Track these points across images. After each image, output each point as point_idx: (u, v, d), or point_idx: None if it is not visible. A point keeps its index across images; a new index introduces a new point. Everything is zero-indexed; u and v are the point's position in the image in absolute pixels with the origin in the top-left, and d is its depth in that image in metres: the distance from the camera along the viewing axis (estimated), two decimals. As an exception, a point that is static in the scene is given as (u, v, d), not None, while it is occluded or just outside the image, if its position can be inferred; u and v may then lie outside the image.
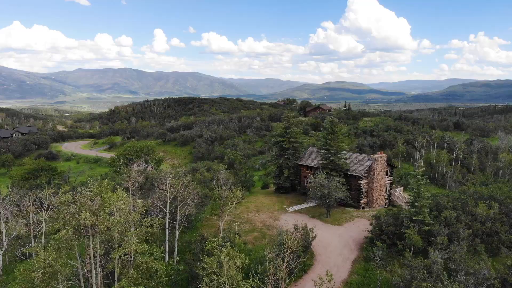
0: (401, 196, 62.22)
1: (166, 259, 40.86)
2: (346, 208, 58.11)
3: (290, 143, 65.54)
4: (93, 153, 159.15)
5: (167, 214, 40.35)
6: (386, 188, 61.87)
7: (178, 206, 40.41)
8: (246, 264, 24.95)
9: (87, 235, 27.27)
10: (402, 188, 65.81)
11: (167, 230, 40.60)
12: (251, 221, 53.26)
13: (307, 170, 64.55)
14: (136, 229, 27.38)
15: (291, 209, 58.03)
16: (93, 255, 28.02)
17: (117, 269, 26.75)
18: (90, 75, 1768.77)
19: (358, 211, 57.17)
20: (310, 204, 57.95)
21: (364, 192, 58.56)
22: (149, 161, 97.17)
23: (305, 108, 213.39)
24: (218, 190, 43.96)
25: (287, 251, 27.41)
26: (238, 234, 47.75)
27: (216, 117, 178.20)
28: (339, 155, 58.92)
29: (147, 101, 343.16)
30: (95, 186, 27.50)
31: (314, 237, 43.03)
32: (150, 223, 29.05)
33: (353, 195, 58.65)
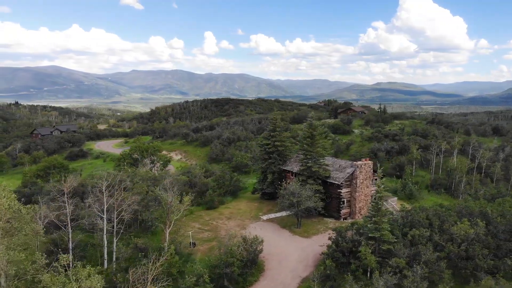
0: (392, 207, 56.55)
1: (105, 266, 39.29)
2: (325, 219, 53.64)
3: (275, 146, 61.90)
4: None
5: (105, 220, 38.70)
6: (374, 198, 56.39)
7: (115, 212, 38.66)
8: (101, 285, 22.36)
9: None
10: (395, 198, 59.99)
11: (104, 235, 38.96)
12: (216, 229, 50.55)
13: (292, 175, 60.60)
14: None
15: (265, 217, 54.55)
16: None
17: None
18: (143, 76, 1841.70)
19: (337, 222, 52.46)
20: (286, 213, 54.00)
21: (345, 201, 53.69)
22: (155, 161, 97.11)
23: (336, 110, 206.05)
24: (165, 196, 41.63)
25: (151, 270, 24.32)
26: (193, 243, 45.27)
27: (240, 118, 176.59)
28: (321, 161, 54.55)
29: (186, 102, 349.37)
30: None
31: (260, 250, 39.51)
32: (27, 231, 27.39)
33: (333, 204, 54.03)
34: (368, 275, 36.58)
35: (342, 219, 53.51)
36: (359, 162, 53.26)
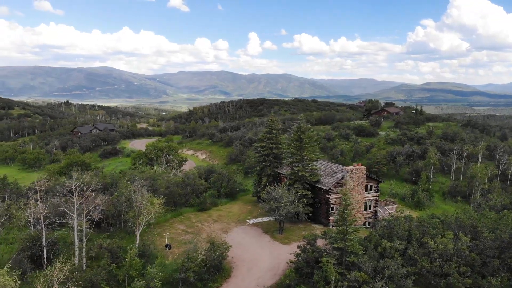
0: (389, 216, 53.50)
1: (76, 264, 40.11)
2: (312, 225, 51.75)
3: (270, 149, 60.63)
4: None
5: (75, 219, 39.50)
6: (369, 206, 53.77)
7: (84, 212, 39.36)
8: None
9: None
10: (395, 206, 56.76)
11: (75, 234, 39.76)
12: (199, 231, 50.14)
13: (286, 179, 59.03)
14: None
15: (251, 221, 53.47)
16: None
17: None
18: (190, 77, 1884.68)
19: (325, 229, 50.28)
20: (270, 218, 52.64)
21: (334, 208, 51.43)
22: (171, 161, 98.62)
23: (370, 110, 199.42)
24: (134, 198, 41.82)
25: (55, 275, 24.12)
26: (168, 245, 45.21)
27: (266, 119, 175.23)
28: (311, 165, 52.67)
29: (222, 102, 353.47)
30: None
31: (225, 256, 38.64)
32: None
33: (322, 210, 51.99)
34: (332, 286, 34.69)
35: (331, 226, 51.28)
36: (349, 167, 50.89)
